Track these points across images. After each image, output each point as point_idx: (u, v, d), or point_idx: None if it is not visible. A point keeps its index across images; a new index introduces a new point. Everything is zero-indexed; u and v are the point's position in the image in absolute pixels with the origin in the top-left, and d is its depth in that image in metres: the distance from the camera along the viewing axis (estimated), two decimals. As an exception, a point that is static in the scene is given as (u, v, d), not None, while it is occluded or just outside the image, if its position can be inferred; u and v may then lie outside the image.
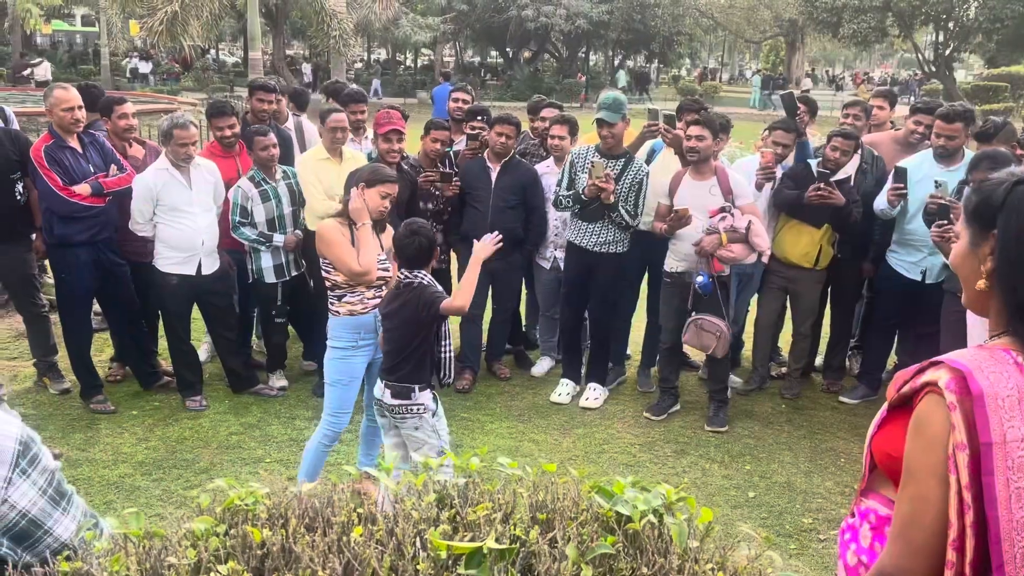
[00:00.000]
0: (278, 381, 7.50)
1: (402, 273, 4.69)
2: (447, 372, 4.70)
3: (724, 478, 5.94)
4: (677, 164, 6.72)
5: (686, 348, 7.30)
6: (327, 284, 5.11)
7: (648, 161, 7.23)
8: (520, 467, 2.24)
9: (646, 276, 7.55)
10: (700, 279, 6.39)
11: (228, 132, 7.13)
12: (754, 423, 6.93)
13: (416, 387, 4.64)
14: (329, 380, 5.20)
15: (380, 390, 4.74)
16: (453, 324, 5.85)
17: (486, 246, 4.75)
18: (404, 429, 4.72)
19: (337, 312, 5.14)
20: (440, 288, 4.66)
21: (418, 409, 4.68)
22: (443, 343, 4.67)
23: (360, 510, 2.10)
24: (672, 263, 6.68)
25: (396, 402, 4.68)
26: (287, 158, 7.47)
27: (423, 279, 4.66)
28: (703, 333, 6.47)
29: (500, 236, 4.87)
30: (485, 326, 7.92)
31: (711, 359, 6.74)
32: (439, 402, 4.73)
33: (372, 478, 2.23)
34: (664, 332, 6.88)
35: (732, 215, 6.35)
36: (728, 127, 7.19)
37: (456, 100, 8.32)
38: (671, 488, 2.14)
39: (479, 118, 7.70)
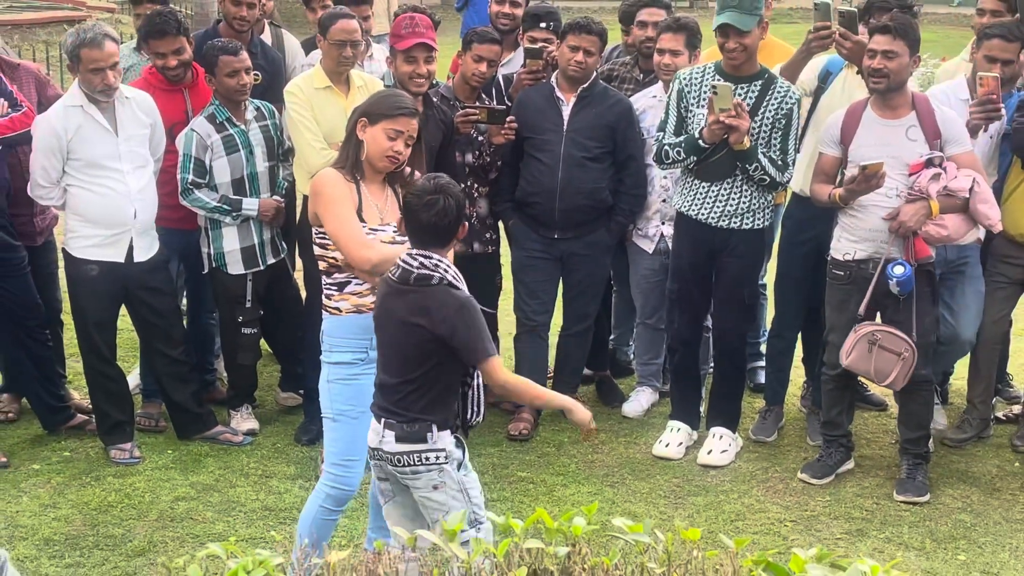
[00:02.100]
0: (245, 422, 6.56)
1: (411, 256, 4.25)
2: (474, 410, 4.42)
3: (925, 573, 5.39)
4: (865, 92, 5.88)
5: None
6: (321, 266, 4.75)
7: (819, 89, 6.40)
8: (648, 532, 2.12)
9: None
10: (898, 271, 5.63)
11: (173, 61, 6.13)
12: (971, 490, 6.26)
13: (433, 424, 4.27)
14: (330, 413, 4.80)
15: (377, 432, 4.36)
16: (500, 332, 5.70)
17: (582, 414, 4.36)
18: (417, 491, 4.36)
19: (337, 309, 4.75)
20: (468, 295, 4.20)
21: (437, 458, 4.31)
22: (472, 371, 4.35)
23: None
24: (846, 247, 5.95)
25: (402, 448, 4.31)
26: (274, 89, 6.55)
27: (443, 270, 4.21)
28: (880, 353, 5.73)
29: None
30: (552, 340, 7.05)
31: (901, 394, 6.07)
32: (466, 450, 4.45)
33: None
34: (830, 353, 6.05)
35: (944, 171, 5.63)
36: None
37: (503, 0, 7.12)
38: (875, 564, 2.12)
39: (543, 25, 6.74)
